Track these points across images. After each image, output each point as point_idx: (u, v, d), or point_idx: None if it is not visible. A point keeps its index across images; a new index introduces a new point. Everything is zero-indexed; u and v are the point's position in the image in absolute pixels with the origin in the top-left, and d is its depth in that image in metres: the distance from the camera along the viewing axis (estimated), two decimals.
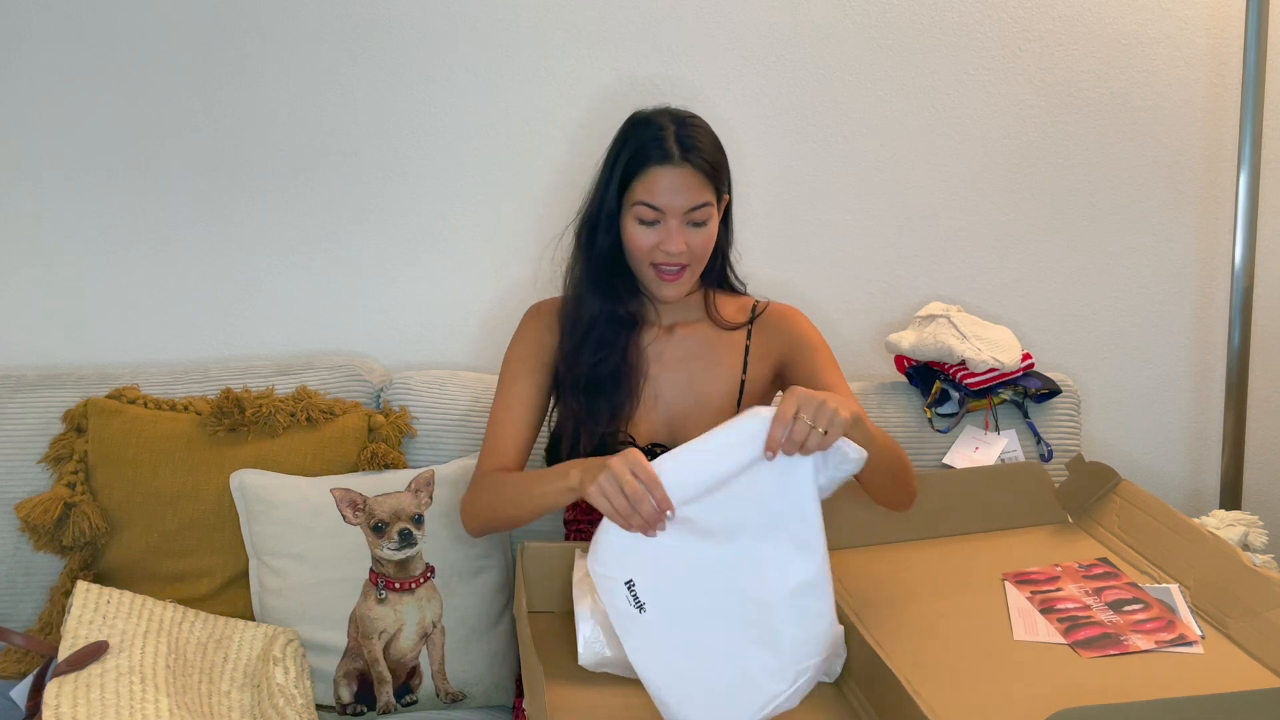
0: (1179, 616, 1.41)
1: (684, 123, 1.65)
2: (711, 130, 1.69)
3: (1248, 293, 2.16)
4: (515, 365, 1.76)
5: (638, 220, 1.65)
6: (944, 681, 1.31)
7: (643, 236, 1.65)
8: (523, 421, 1.73)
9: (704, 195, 1.64)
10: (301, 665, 1.70)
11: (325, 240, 2.17)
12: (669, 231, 1.63)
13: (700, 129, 1.66)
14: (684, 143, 1.62)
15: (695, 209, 1.63)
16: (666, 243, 1.64)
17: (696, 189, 1.62)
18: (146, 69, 2.09)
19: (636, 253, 1.67)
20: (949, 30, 2.19)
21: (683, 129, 1.64)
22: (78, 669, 1.49)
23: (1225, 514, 1.90)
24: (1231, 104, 2.22)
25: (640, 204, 1.63)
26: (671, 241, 1.63)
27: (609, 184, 1.66)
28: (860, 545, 1.67)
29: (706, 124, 1.69)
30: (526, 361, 1.75)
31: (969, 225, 2.26)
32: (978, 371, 1.99)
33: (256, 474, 1.86)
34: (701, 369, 1.76)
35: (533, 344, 1.76)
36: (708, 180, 1.64)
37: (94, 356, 2.15)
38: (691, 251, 1.66)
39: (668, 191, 1.62)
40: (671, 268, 1.66)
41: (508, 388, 1.75)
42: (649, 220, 1.64)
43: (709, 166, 1.63)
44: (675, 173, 1.61)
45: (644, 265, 1.68)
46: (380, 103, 2.13)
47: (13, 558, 1.89)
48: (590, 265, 1.71)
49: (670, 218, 1.63)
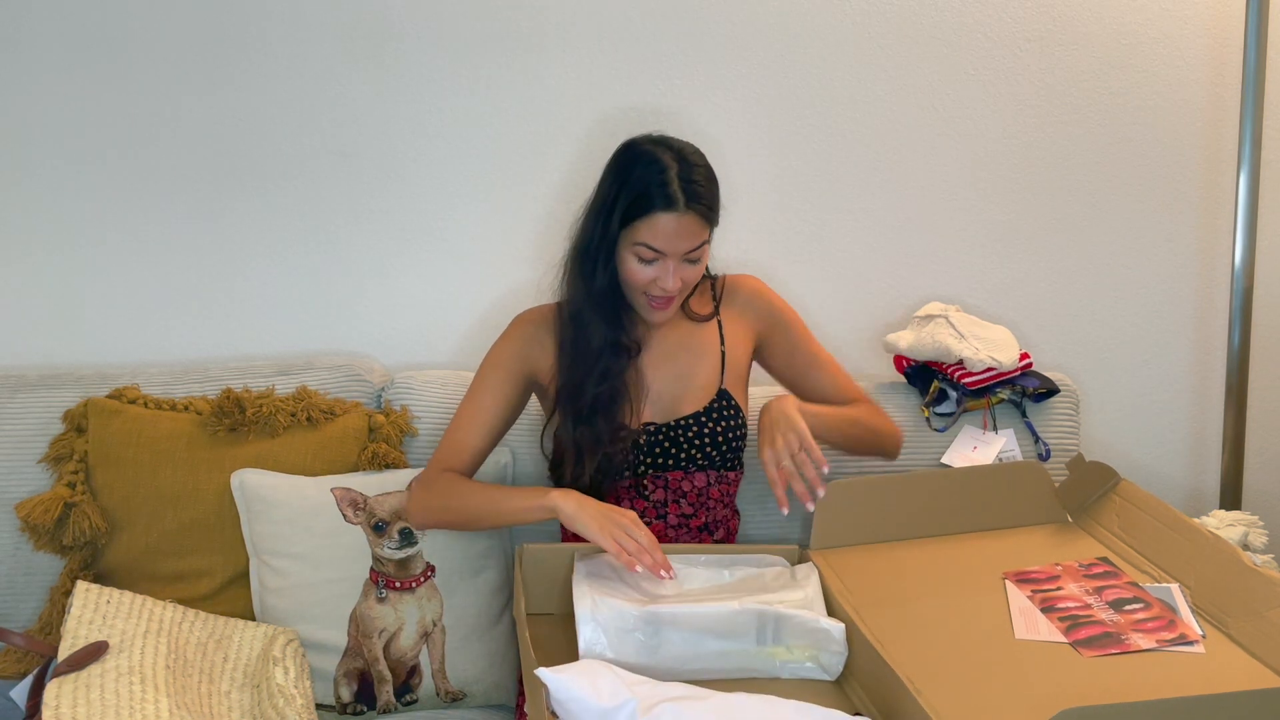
0: (1179, 616, 1.41)
1: (685, 161, 1.67)
2: (707, 163, 1.71)
3: (1248, 293, 2.16)
4: (489, 372, 1.79)
5: (637, 258, 1.68)
6: (946, 680, 1.31)
7: (640, 272, 1.69)
8: (485, 429, 1.77)
9: (701, 236, 1.68)
10: (301, 665, 1.70)
11: (325, 240, 2.17)
12: (666, 270, 1.68)
13: (700, 167, 1.69)
14: (687, 189, 1.65)
15: (692, 250, 1.68)
16: (663, 280, 1.68)
17: (696, 232, 1.67)
18: (147, 69, 2.09)
19: (632, 284, 1.71)
20: (948, 30, 2.20)
21: (685, 169, 1.66)
22: (77, 669, 1.49)
23: (1225, 514, 1.90)
24: (1231, 104, 2.22)
25: (641, 245, 1.67)
26: (668, 279, 1.68)
27: (609, 218, 1.69)
28: (860, 545, 1.67)
29: (702, 156, 1.71)
30: (501, 370, 1.79)
31: (968, 225, 2.26)
32: (975, 371, 2.00)
33: (257, 473, 1.86)
34: (686, 355, 1.82)
35: (513, 355, 1.79)
36: (707, 223, 1.69)
37: (94, 356, 2.15)
38: (686, 285, 1.72)
39: (671, 237, 1.65)
40: (663, 298, 1.71)
41: (478, 392, 1.78)
42: (648, 259, 1.68)
43: (709, 211, 1.69)
44: (679, 220, 1.65)
45: (637, 294, 1.72)
46: (380, 103, 2.13)
47: (13, 558, 1.89)
48: (591, 296, 1.74)
49: (670, 259, 1.67)
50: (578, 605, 1.44)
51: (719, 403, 1.78)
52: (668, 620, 1.43)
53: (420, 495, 1.75)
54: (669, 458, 1.75)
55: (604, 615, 1.42)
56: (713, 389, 1.79)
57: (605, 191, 1.71)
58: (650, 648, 1.42)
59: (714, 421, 1.77)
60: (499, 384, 1.78)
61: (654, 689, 1.30)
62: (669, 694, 1.29)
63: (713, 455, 1.77)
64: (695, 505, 1.77)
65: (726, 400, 1.79)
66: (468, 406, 1.78)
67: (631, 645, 1.42)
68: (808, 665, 1.45)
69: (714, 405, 1.78)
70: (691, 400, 1.79)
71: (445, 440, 1.77)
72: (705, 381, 1.80)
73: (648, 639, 1.42)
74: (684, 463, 1.76)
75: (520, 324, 1.82)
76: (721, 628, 1.44)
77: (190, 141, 2.12)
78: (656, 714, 1.25)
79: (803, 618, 1.44)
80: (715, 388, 1.80)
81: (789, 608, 1.45)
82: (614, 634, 1.41)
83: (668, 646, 1.42)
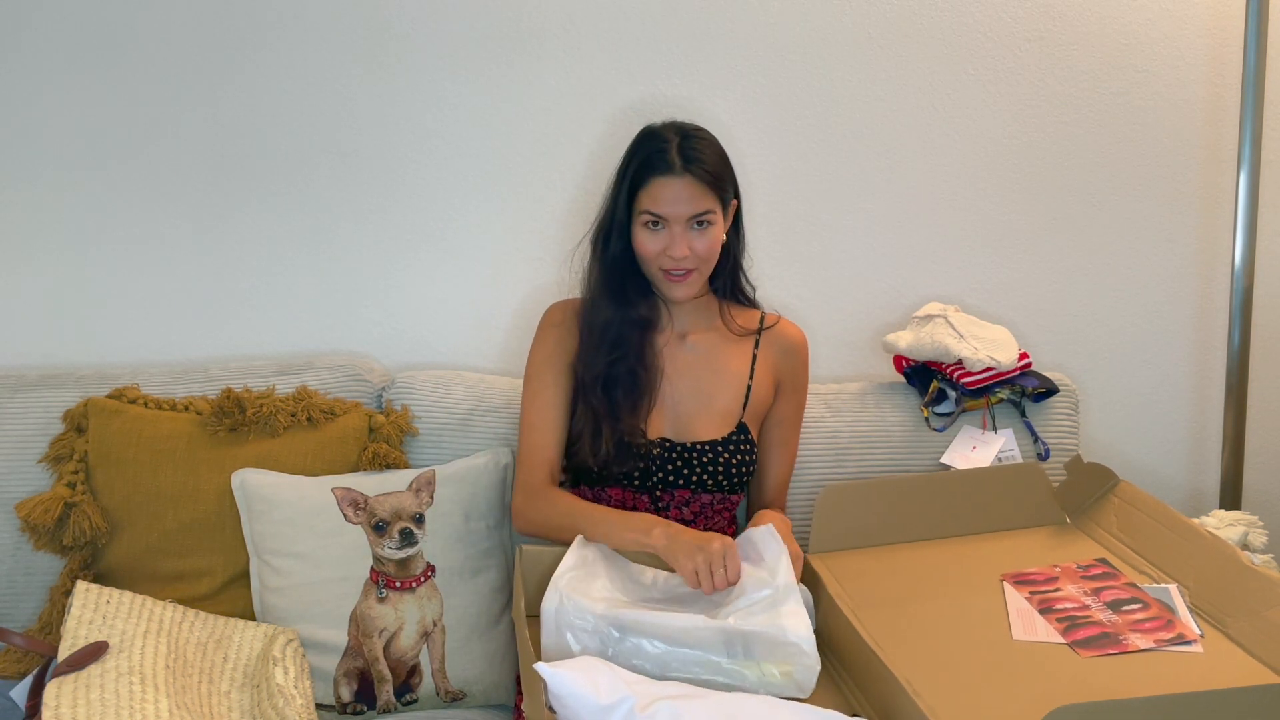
0: (1178, 616, 1.41)
1: (688, 135, 1.74)
2: (716, 142, 1.77)
3: (1248, 293, 2.16)
4: (540, 369, 1.83)
5: (644, 227, 1.73)
6: (943, 681, 1.31)
7: (649, 242, 1.73)
8: (556, 424, 1.80)
9: (706, 203, 1.71)
10: (301, 665, 1.70)
11: (325, 240, 2.17)
12: (673, 237, 1.71)
13: (704, 141, 1.74)
14: (686, 154, 1.70)
15: (698, 215, 1.71)
16: (671, 248, 1.71)
17: (698, 197, 1.70)
18: (147, 69, 2.09)
19: (645, 257, 1.75)
20: (948, 30, 2.19)
21: (686, 141, 1.72)
22: (77, 669, 1.49)
23: (1225, 514, 1.90)
24: (1231, 104, 2.22)
25: (646, 212, 1.72)
26: (675, 246, 1.71)
27: (619, 194, 1.76)
28: (860, 546, 1.68)
29: (712, 137, 1.77)
30: (551, 365, 1.82)
31: (968, 225, 2.26)
32: (974, 371, 2.00)
33: (258, 473, 1.86)
34: (711, 374, 1.83)
35: (554, 347, 1.83)
36: (709, 189, 1.71)
37: (94, 356, 2.15)
38: (696, 255, 1.73)
39: (670, 200, 1.70)
40: (679, 271, 1.74)
41: (536, 392, 1.81)
42: (653, 226, 1.72)
43: (710, 176, 1.71)
44: (677, 183, 1.70)
45: (654, 269, 1.76)
46: (381, 103, 2.13)
47: (13, 558, 1.90)
48: (604, 271, 1.80)
49: (674, 224, 1.71)
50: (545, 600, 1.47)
51: (738, 435, 1.79)
52: (631, 625, 1.43)
53: (524, 510, 1.75)
54: (680, 477, 1.76)
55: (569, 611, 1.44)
56: (733, 419, 1.80)
57: (618, 174, 1.78)
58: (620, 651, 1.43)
59: (730, 453, 1.78)
60: (552, 378, 1.81)
61: (652, 687, 1.30)
62: (666, 692, 1.29)
63: (722, 483, 1.78)
64: (695, 514, 1.79)
65: (745, 434, 1.80)
66: (531, 410, 1.81)
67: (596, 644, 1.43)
68: (780, 683, 1.41)
69: (733, 437, 1.79)
70: (708, 423, 1.79)
71: (522, 450, 1.80)
72: (725, 408, 1.81)
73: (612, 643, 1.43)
74: (694, 485, 1.77)
75: (550, 320, 1.86)
76: (689, 640, 1.43)
77: (190, 141, 2.12)
78: (653, 712, 1.25)
79: (770, 634, 1.41)
80: (736, 419, 1.81)
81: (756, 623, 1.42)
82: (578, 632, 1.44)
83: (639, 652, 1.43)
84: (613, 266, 1.78)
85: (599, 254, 1.81)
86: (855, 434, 2.03)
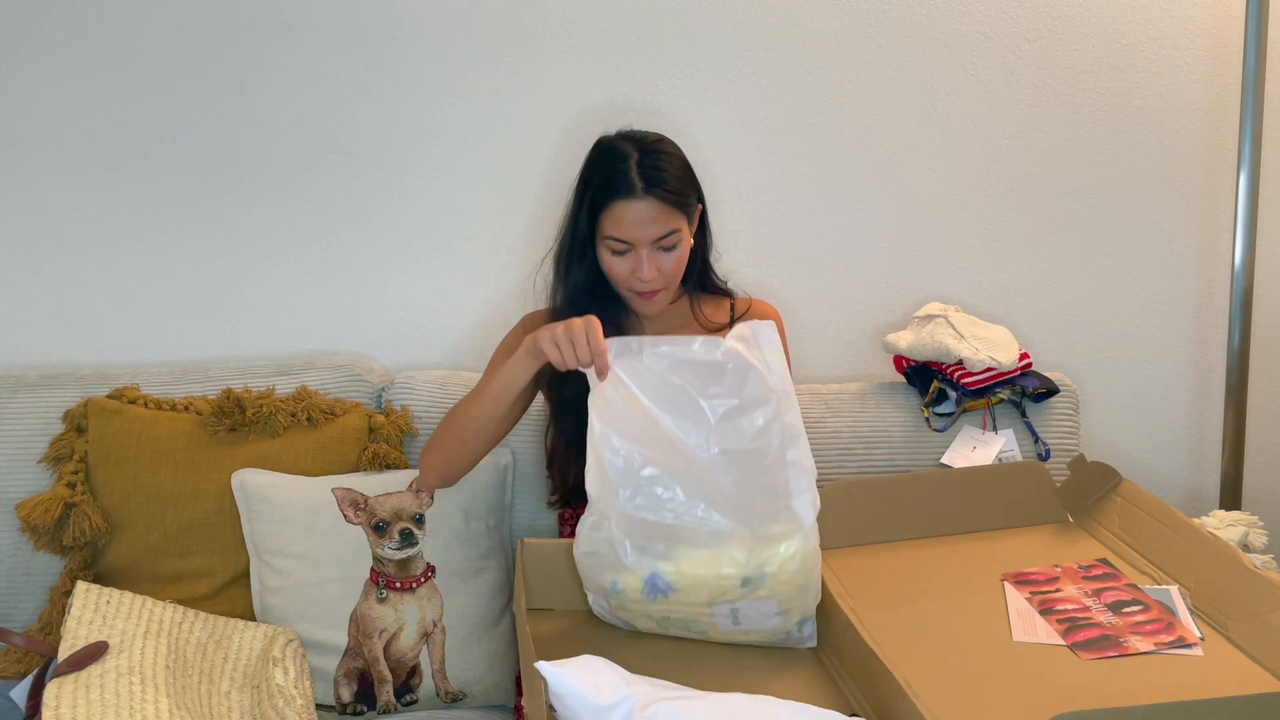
0: (1178, 618, 1.41)
1: (647, 150, 1.67)
2: (677, 151, 1.71)
3: (1248, 293, 2.16)
4: (499, 358, 1.80)
5: (610, 251, 1.69)
6: (942, 683, 1.31)
7: (617, 265, 1.70)
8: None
9: (671, 223, 1.67)
10: (301, 665, 1.70)
11: (325, 240, 2.17)
12: (640, 260, 1.67)
13: (665, 156, 1.68)
14: (647, 175, 1.64)
15: (663, 237, 1.66)
16: (639, 270, 1.68)
17: (663, 219, 1.65)
18: (147, 69, 2.09)
19: (614, 279, 1.72)
20: (948, 30, 2.19)
21: (646, 158, 1.66)
22: (77, 669, 1.49)
23: (1225, 514, 1.90)
24: (1231, 104, 2.22)
25: (610, 238, 1.67)
26: (643, 269, 1.67)
27: (579, 215, 1.71)
28: (860, 545, 1.67)
29: (672, 146, 1.71)
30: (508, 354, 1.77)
31: (968, 225, 2.26)
32: (975, 371, 2.00)
33: (258, 473, 1.86)
34: None
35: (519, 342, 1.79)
36: (674, 208, 1.66)
37: (94, 356, 2.15)
38: (664, 275, 1.70)
39: (634, 224, 1.65)
40: (648, 290, 1.71)
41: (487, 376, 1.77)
42: (620, 251, 1.68)
43: (674, 196, 1.66)
44: (640, 206, 1.64)
45: (624, 289, 1.73)
46: (381, 103, 2.13)
47: (13, 558, 1.90)
48: (569, 293, 1.76)
49: (640, 247, 1.67)
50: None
51: None
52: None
53: (423, 453, 1.75)
54: None
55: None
56: None
57: (577, 192, 1.72)
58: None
59: None
60: None
61: (652, 688, 1.30)
62: (666, 693, 1.29)
63: None
64: None
65: None
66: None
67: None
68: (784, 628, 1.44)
69: None
70: None
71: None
72: None
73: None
74: None
75: (524, 324, 1.85)
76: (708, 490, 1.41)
77: (190, 141, 2.12)
78: (653, 712, 1.25)
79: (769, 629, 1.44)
80: None
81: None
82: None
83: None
84: (576, 290, 1.74)
85: (562, 276, 1.76)
86: (855, 434, 2.03)
